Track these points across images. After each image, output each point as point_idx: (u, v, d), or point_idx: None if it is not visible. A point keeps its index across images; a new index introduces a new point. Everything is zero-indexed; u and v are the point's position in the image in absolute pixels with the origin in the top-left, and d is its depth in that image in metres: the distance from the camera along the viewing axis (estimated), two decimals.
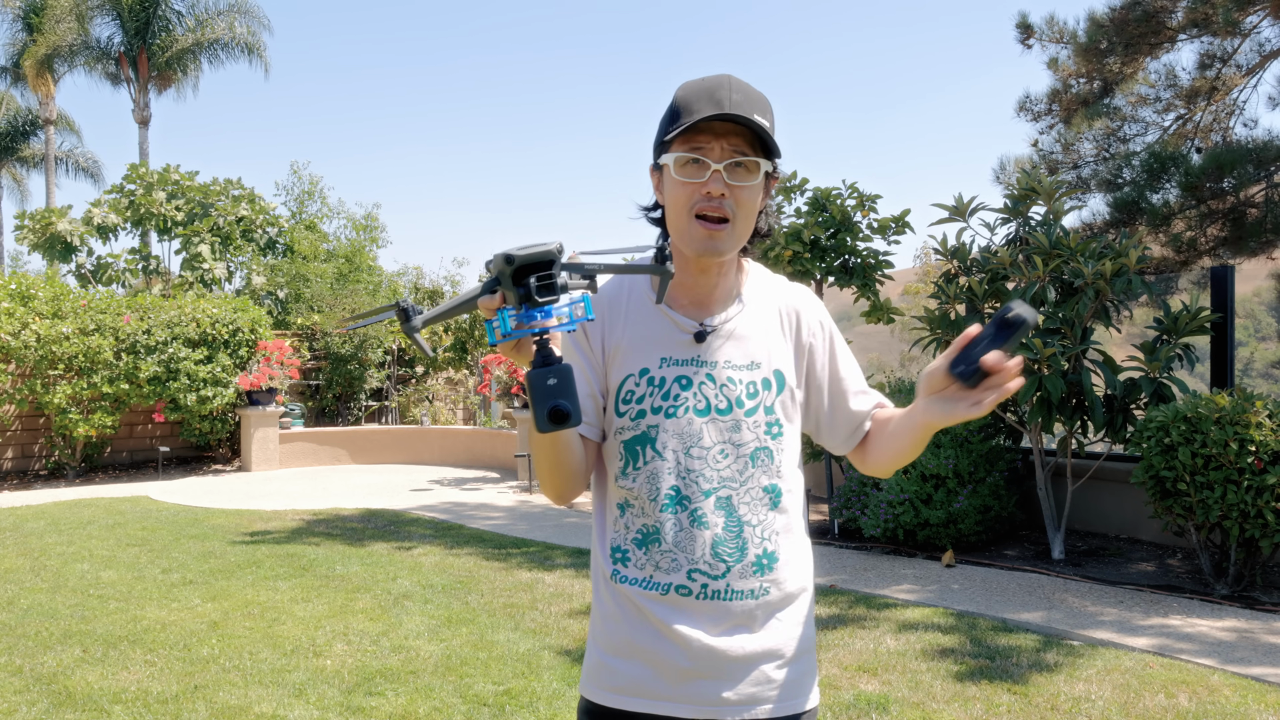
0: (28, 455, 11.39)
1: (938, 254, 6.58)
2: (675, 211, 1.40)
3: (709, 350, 1.44)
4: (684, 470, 1.40)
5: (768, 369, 1.46)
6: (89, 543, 7.00)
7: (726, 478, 1.41)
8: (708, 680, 1.40)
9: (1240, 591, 5.24)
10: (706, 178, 1.36)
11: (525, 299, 1.12)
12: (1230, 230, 8.61)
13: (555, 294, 1.12)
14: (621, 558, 1.44)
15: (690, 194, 1.37)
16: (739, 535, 1.41)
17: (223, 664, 4.23)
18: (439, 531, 7.46)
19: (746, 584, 1.41)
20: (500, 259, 1.11)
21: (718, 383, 1.43)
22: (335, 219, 21.98)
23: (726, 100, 1.34)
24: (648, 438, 1.41)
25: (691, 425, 1.41)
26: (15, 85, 25.98)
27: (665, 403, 1.41)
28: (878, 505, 6.38)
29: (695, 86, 1.37)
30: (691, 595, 1.40)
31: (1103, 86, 10.21)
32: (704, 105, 1.34)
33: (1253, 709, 3.60)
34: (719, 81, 1.37)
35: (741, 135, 1.36)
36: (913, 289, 20.61)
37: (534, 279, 1.12)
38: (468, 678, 4.01)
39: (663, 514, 1.41)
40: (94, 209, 15.82)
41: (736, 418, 1.42)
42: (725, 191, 1.36)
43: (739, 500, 1.41)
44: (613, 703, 1.44)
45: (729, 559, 1.40)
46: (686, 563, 1.40)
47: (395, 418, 14.07)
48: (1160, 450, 5.22)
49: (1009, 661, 4.16)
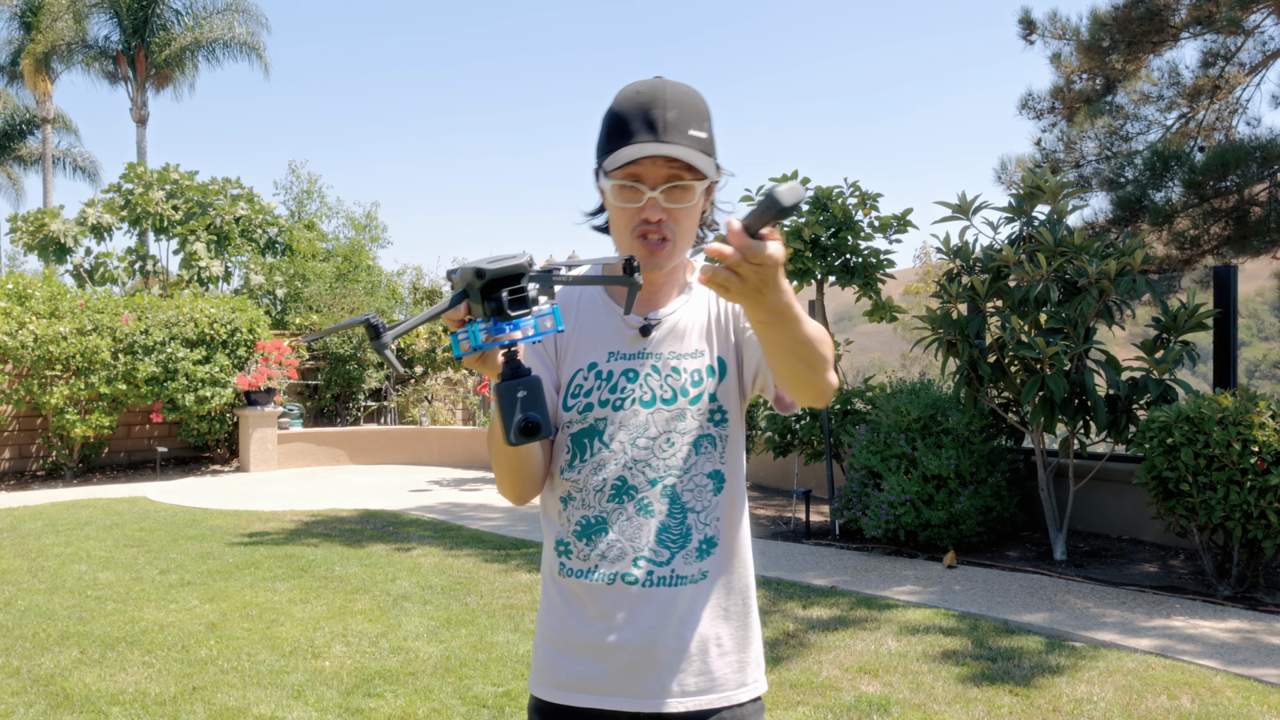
0: (25, 456, 11.36)
1: (940, 253, 6.55)
2: (618, 231, 1.43)
3: (655, 342, 1.47)
4: (630, 461, 1.43)
5: (710, 357, 1.48)
6: (86, 543, 6.98)
7: (671, 466, 1.44)
8: (652, 672, 1.42)
9: (1243, 593, 5.21)
10: (643, 203, 1.37)
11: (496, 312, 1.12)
12: (1234, 229, 8.59)
13: (527, 307, 1.12)
14: (565, 550, 1.46)
15: (629, 218, 1.39)
16: (683, 522, 1.43)
17: (221, 665, 4.20)
18: (438, 532, 7.44)
19: (689, 568, 1.43)
20: (470, 272, 1.11)
21: (663, 373, 1.45)
22: (334, 218, 21.96)
23: (659, 121, 1.35)
24: (595, 430, 1.44)
25: (638, 416, 1.44)
26: (12, 84, 25.94)
27: (612, 395, 1.44)
28: (879, 506, 6.35)
29: (630, 101, 1.38)
30: (637, 583, 1.42)
31: (1105, 84, 10.19)
32: (638, 126, 1.35)
33: (1255, 710, 3.58)
34: (653, 95, 1.37)
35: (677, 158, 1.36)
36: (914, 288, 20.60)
37: (506, 293, 1.12)
38: (467, 679, 3.99)
39: (608, 504, 1.43)
40: (88, 209, 15.79)
41: (681, 406, 1.44)
42: (663, 216, 1.38)
43: (683, 488, 1.44)
44: (560, 699, 1.45)
45: (673, 545, 1.43)
46: (632, 550, 1.42)
47: (394, 418, 14.05)
48: (1163, 451, 5.19)
49: (1011, 663, 4.13)
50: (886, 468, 6.42)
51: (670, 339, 1.47)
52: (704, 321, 1.49)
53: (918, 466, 6.28)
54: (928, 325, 6.36)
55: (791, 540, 7.03)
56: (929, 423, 6.44)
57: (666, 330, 1.47)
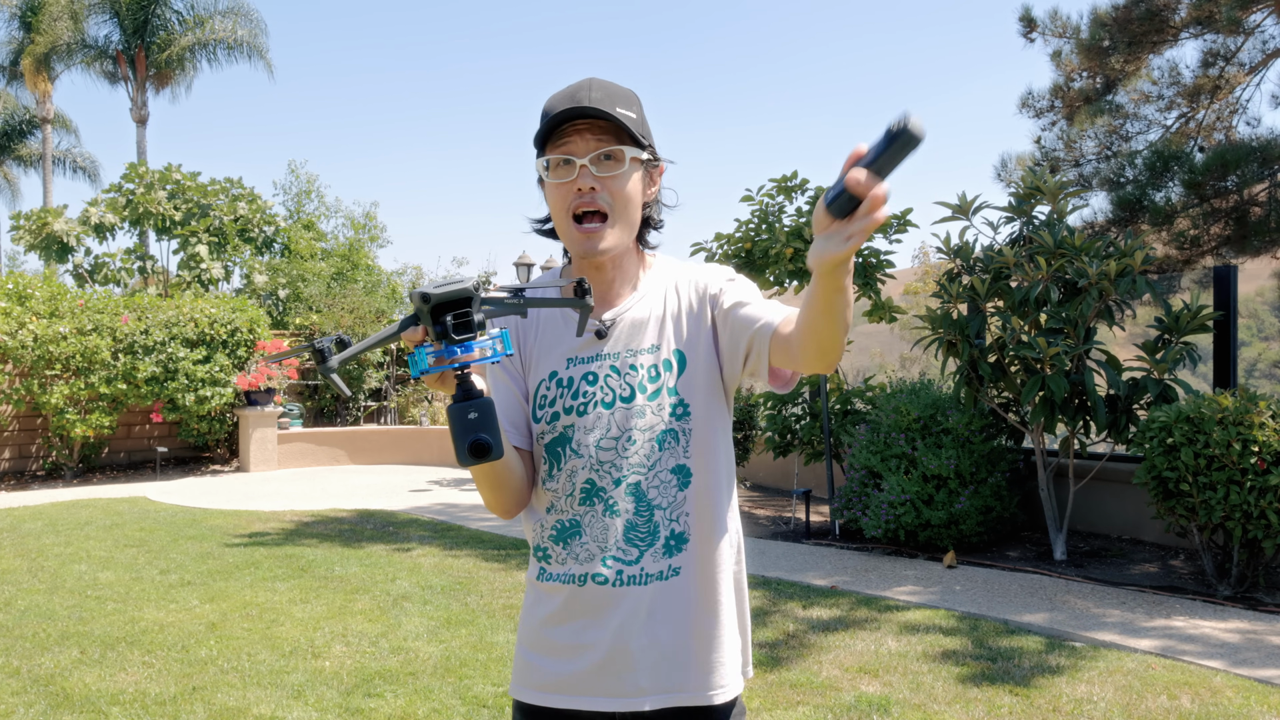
0: (25, 456, 11.36)
1: (940, 252, 6.55)
2: (557, 216, 1.44)
3: (611, 343, 1.47)
4: (597, 463, 1.43)
5: (667, 350, 1.47)
6: (86, 543, 6.97)
7: (635, 464, 1.43)
8: (626, 671, 1.42)
9: (1243, 593, 5.21)
10: (575, 174, 1.39)
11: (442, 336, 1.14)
12: (1234, 229, 8.59)
13: (471, 331, 1.14)
14: (544, 555, 1.48)
15: (565, 194, 1.40)
16: (649, 519, 1.43)
17: (221, 665, 4.20)
18: (438, 532, 7.44)
19: (658, 565, 1.42)
20: (417, 297, 1.13)
21: (621, 373, 1.45)
22: (333, 218, 21.94)
23: (585, 98, 1.38)
24: (565, 438, 1.45)
25: (600, 418, 1.44)
26: (12, 84, 25.94)
27: (575, 401, 1.45)
28: (879, 506, 6.35)
29: (558, 94, 1.42)
30: (607, 583, 1.42)
31: (1105, 83, 10.19)
32: (564, 107, 1.38)
33: (1255, 710, 3.58)
34: (580, 84, 1.41)
35: (606, 129, 1.39)
36: (913, 288, 20.58)
37: (450, 317, 1.13)
38: (467, 679, 3.99)
39: (580, 507, 1.44)
40: (91, 208, 15.78)
41: (640, 403, 1.44)
42: (596, 185, 1.39)
43: (648, 484, 1.43)
44: (539, 700, 1.46)
45: (640, 543, 1.43)
46: (599, 550, 1.43)
47: (394, 418, 14.04)
48: (1163, 451, 5.19)
49: (1011, 663, 4.13)
50: (886, 468, 6.42)
51: (626, 337, 1.47)
52: (659, 316, 1.49)
53: (918, 466, 6.27)
54: (928, 325, 6.36)
55: (791, 540, 7.03)
56: (929, 423, 6.44)
57: (621, 329, 1.47)
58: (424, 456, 12.71)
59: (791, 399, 8.11)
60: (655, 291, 1.50)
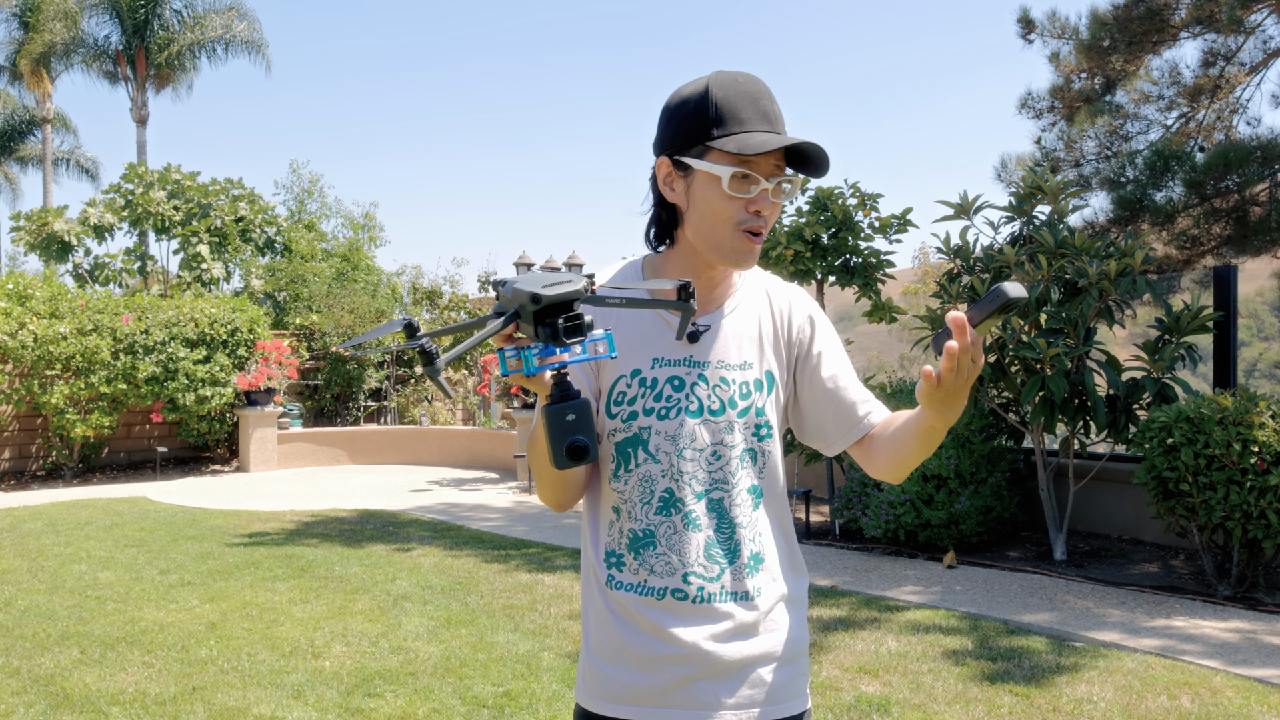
0: (25, 456, 11.36)
1: (940, 253, 6.55)
2: (716, 222, 1.37)
3: (702, 350, 1.42)
4: (676, 473, 1.39)
5: (759, 369, 1.44)
6: (86, 543, 6.97)
7: (718, 480, 1.40)
8: (703, 684, 1.40)
9: (1243, 592, 5.21)
10: (754, 194, 1.34)
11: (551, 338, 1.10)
12: (1234, 229, 8.59)
13: (582, 334, 1.10)
14: (616, 563, 1.43)
15: (737, 209, 1.35)
16: (731, 537, 1.41)
17: (221, 665, 4.20)
18: (438, 532, 7.44)
19: (740, 585, 1.41)
20: (525, 296, 1.08)
21: (710, 383, 1.41)
22: (333, 218, 21.95)
23: (772, 114, 1.34)
24: (640, 440, 1.40)
25: (684, 427, 1.40)
26: (13, 84, 25.93)
27: (657, 404, 1.40)
28: (879, 506, 6.35)
29: (732, 86, 1.35)
30: (687, 599, 1.39)
31: (1105, 83, 10.18)
32: (750, 114, 1.33)
33: (1255, 710, 3.58)
34: (758, 89, 1.35)
35: (779, 152, 1.35)
36: (912, 289, 20.57)
37: (562, 320, 1.10)
38: (467, 679, 3.99)
39: (655, 517, 1.40)
40: (89, 209, 15.78)
41: (729, 419, 1.41)
42: (769, 210, 1.36)
43: (730, 502, 1.41)
44: (608, 710, 1.43)
45: (722, 561, 1.40)
46: (681, 566, 1.39)
47: (394, 418, 14.04)
48: (1163, 451, 5.19)
49: (1011, 663, 4.13)
50: None
51: (718, 347, 1.42)
52: (754, 332, 1.45)
53: (918, 466, 6.27)
54: (927, 325, 6.36)
55: None
56: None
57: (713, 338, 1.42)
58: (424, 456, 12.71)
59: None
60: (749, 304, 1.47)
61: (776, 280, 1.54)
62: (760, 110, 1.33)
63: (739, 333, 1.44)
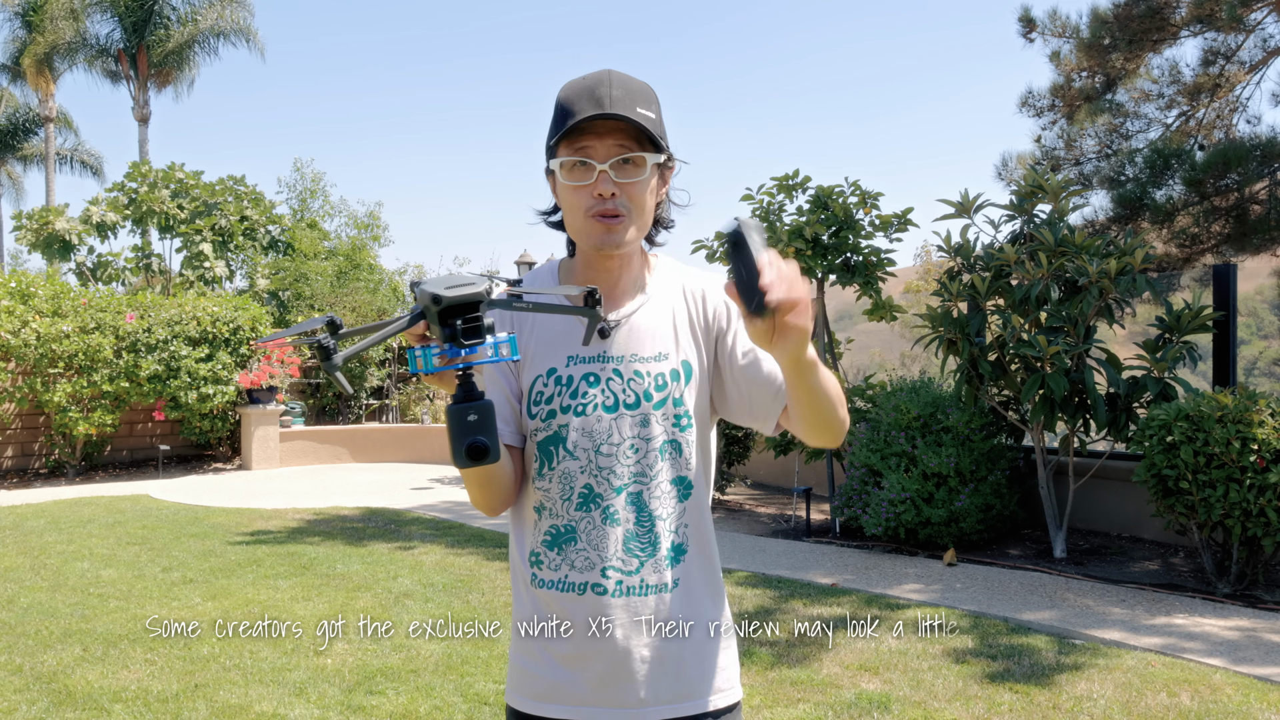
0: (28, 454, 11.38)
1: (940, 251, 6.55)
2: (570, 214, 1.40)
3: (614, 345, 1.43)
4: (595, 468, 1.41)
5: (675, 360, 1.45)
6: (89, 541, 6.99)
7: (637, 473, 1.41)
8: (625, 680, 1.40)
9: (1243, 590, 5.22)
10: (594, 179, 1.36)
11: (451, 338, 1.12)
12: (1234, 227, 8.59)
13: (480, 336, 1.12)
14: (536, 561, 1.44)
15: (582, 197, 1.37)
16: (650, 530, 1.41)
17: (223, 662, 4.21)
18: (440, 530, 7.45)
19: (659, 577, 1.41)
20: (427, 297, 1.11)
21: (625, 377, 1.42)
22: (337, 217, 21.95)
23: (606, 98, 1.34)
24: (559, 437, 1.41)
25: (600, 422, 1.41)
26: (15, 83, 25.95)
27: (574, 401, 1.41)
28: (879, 504, 6.36)
29: (576, 86, 1.37)
30: (607, 593, 1.40)
31: (1105, 82, 10.19)
32: (584, 104, 1.34)
33: (1255, 707, 3.59)
34: (599, 78, 1.36)
35: (625, 132, 1.35)
36: (914, 286, 20.58)
37: (460, 321, 1.11)
38: (469, 677, 4.00)
39: (576, 513, 1.41)
40: (92, 207, 15.80)
41: (645, 411, 1.42)
42: (615, 190, 1.36)
43: (649, 495, 1.41)
44: (534, 709, 1.44)
45: (641, 554, 1.41)
46: (599, 560, 1.40)
47: (396, 416, 14.06)
48: (1162, 449, 5.20)
49: (1011, 660, 4.14)
50: (887, 466, 6.43)
51: (631, 341, 1.44)
52: (668, 323, 1.46)
53: (918, 464, 6.28)
54: (928, 323, 6.36)
55: (792, 538, 7.04)
56: (929, 421, 6.45)
57: (626, 332, 1.44)
58: (426, 454, 12.73)
59: None
60: (662, 296, 1.47)
61: (692, 271, 1.55)
62: (595, 99, 1.34)
63: (652, 325, 1.45)
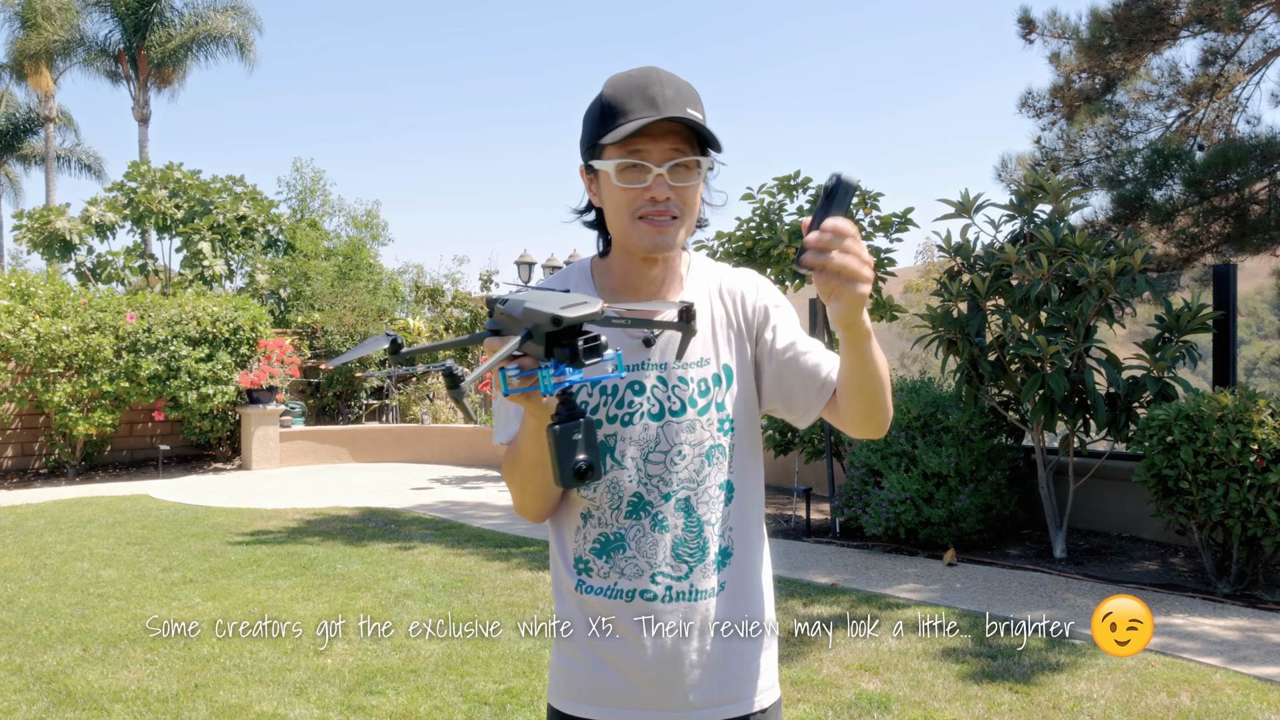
0: (28, 454, 11.38)
1: (941, 250, 6.56)
2: (617, 215, 1.38)
3: (658, 352, 1.42)
4: (645, 476, 1.40)
5: (717, 364, 1.44)
6: (89, 541, 6.99)
7: (685, 479, 1.41)
8: (674, 683, 1.41)
9: (1243, 590, 5.23)
10: (649, 182, 1.33)
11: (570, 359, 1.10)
12: (1234, 227, 8.60)
13: (600, 355, 1.11)
14: (584, 568, 1.44)
15: (632, 199, 1.35)
16: (699, 535, 1.42)
17: (223, 662, 4.22)
18: (440, 530, 7.45)
19: (708, 582, 1.42)
20: (546, 319, 1.08)
21: (669, 384, 1.42)
22: (336, 216, 21.96)
23: (660, 98, 1.31)
24: (606, 447, 1.41)
25: (648, 431, 1.41)
26: (18, 84, 25.93)
27: (620, 410, 1.41)
28: (879, 504, 6.36)
29: (623, 83, 1.34)
30: (657, 599, 1.40)
31: (1105, 82, 10.19)
32: (637, 104, 1.31)
33: (1255, 707, 3.59)
34: (648, 76, 1.34)
35: (679, 133, 1.33)
36: (915, 285, 20.58)
37: (581, 341, 1.10)
38: (469, 677, 4.00)
39: (626, 520, 1.41)
40: (91, 207, 15.80)
41: (690, 418, 1.41)
42: (670, 194, 1.34)
43: (697, 500, 1.42)
44: (580, 711, 1.44)
45: (690, 559, 1.41)
46: (649, 567, 1.40)
47: (396, 416, 14.06)
48: (1162, 449, 5.20)
49: (1011, 660, 4.15)
50: (887, 465, 6.43)
51: (673, 347, 1.42)
52: (708, 327, 1.45)
53: (918, 464, 6.29)
54: (928, 323, 6.36)
55: (792, 538, 7.04)
56: (929, 421, 6.45)
57: (669, 339, 1.43)
58: (426, 454, 12.73)
59: None
60: (701, 298, 1.46)
61: (727, 269, 1.53)
62: (648, 98, 1.31)
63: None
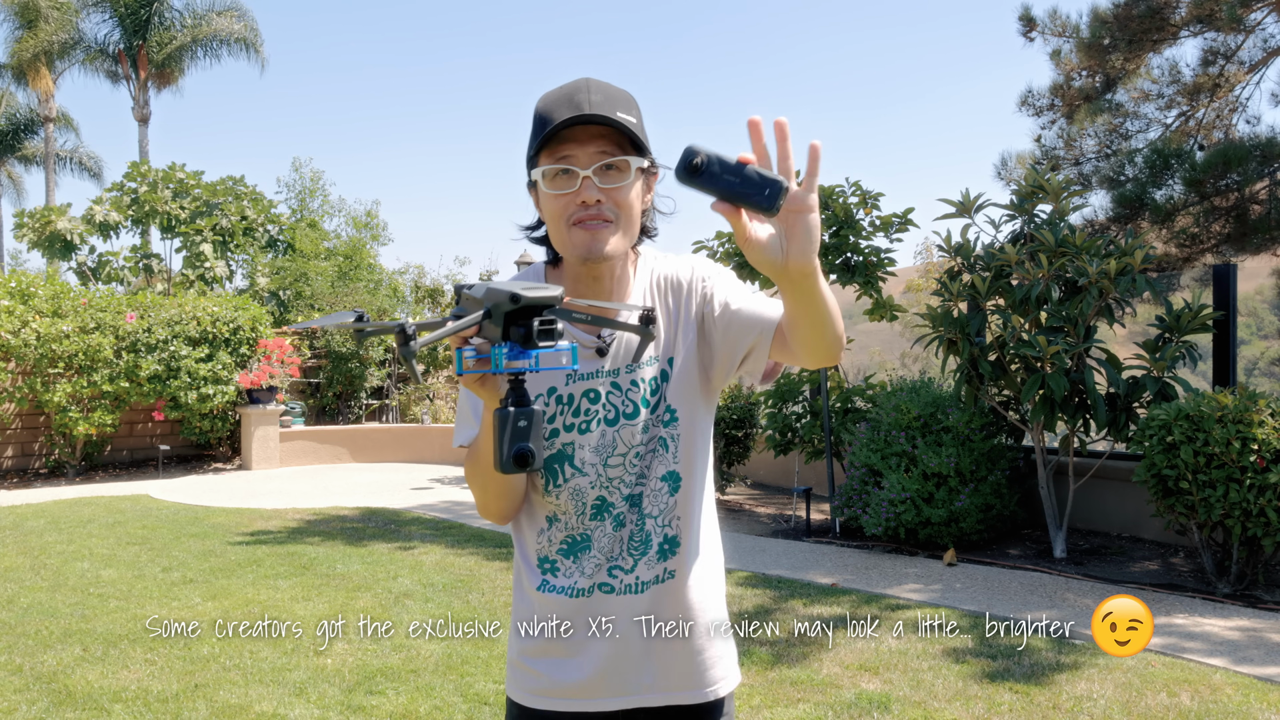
0: (28, 454, 11.38)
1: (941, 250, 6.56)
2: (553, 224, 1.39)
3: (611, 359, 1.44)
4: (605, 480, 1.44)
5: (663, 360, 1.46)
6: (89, 541, 6.99)
7: (640, 476, 1.45)
8: (630, 673, 1.46)
9: (1243, 590, 5.22)
10: (578, 186, 1.34)
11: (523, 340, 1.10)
12: (1234, 227, 8.59)
13: (554, 340, 1.11)
14: (550, 568, 1.48)
15: (565, 205, 1.35)
16: (642, 528, 1.45)
17: (223, 662, 4.22)
18: (440, 530, 7.45)
19: (652, 571, 1.46)
20: (504, 296, 1.09)
21: (623, 389, 1.44)
22: (336, 216, 21.94)
23: (585, 103, 1.32)
24: (565, 455, 1.44)
25: (605, 437, 1.44)
26: (18, 84, 25.93)
27: (577, 419, 1.44)
28: (879, 504, 6.36)
29: (553, 95, 1.36)
30: (613, 592, 1.45)
31: (1105, 82, 10.19)
32: (563, 111, 1.32)
33: (1255, 707, 3.59)
34: (577, 86, 1.35)
35: (607, 137, 1.34)
36: (915, 285, 20.57)
37: (537, 322, 1.10)
38: (469, 677, 4.00)
39: (591, 522, 1.45)
40: (95, 206, 15.80)
41: (643, 418, 1.44)
42: (600, 197, 1.34)
43: (646, 493, 1.45)
44: (539, 704, 1.48)
45: (635, 552, 1.45)
46: (606, 562, 1.45)
47: (396, 416, 14.06)
48: (1162, 449, 5.20)
49: (1011, 660, 4.15)
50: (887, 465, 6.43)
51: (625, 353, 1.44)
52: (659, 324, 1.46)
53: (918, 464, 6.29)
54: (928, 323, 6.36)
55: (792, 538, 7.04)
56: (929, 421, 6.45)
57: (621, 346, 1.44)
58: (426, 454, 12.73)
59: (792, 397, 8.12)
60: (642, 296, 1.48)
61: (664, 257, 1.52)
62: (574, 104, 1.32)
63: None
